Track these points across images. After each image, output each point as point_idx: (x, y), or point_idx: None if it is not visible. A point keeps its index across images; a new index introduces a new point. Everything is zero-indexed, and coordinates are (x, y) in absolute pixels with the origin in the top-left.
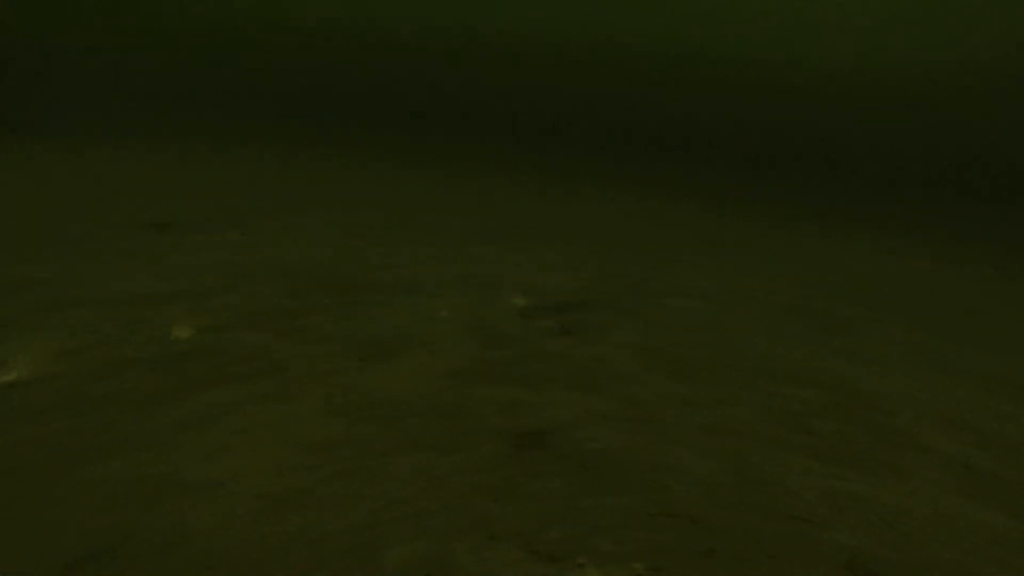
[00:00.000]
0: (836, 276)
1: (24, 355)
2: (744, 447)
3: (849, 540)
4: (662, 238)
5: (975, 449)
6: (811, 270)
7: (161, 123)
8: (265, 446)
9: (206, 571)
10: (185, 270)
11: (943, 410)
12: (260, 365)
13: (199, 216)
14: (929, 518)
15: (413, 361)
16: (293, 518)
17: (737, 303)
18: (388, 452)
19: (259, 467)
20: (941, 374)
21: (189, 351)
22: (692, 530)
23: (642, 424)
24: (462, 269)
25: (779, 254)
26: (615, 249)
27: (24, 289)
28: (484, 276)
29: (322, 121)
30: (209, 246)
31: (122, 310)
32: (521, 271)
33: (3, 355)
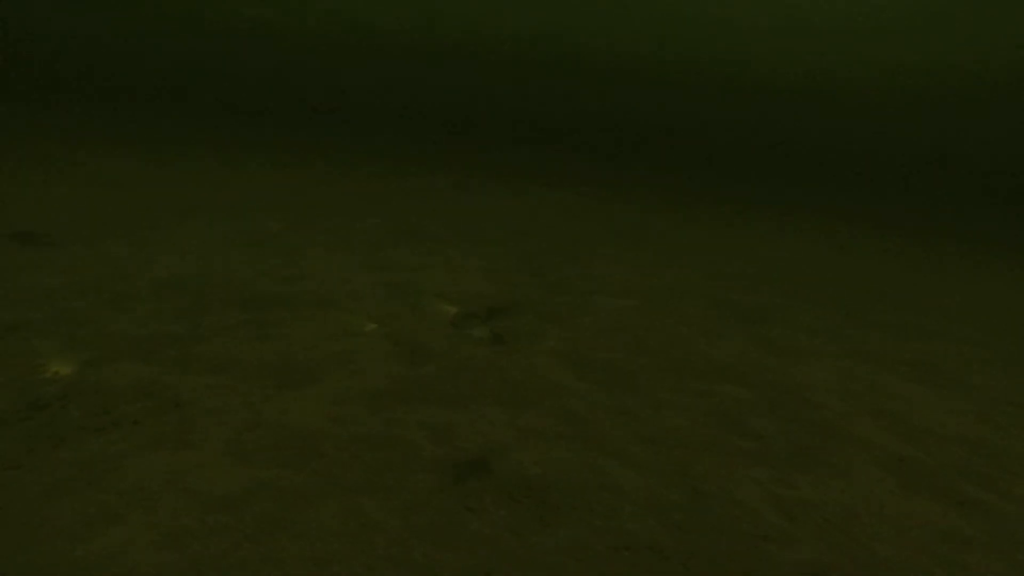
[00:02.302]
0: (762, 267)
1: None
2: (687, 457)
3: (810, 554)
4: (581, 234)
5: (902, 440)
6: (738, 261)
7: (19, 123)
8: (160, 508)
9: None
10: (58, 291)
11: (866, 399)
12: (150, 404)
13: (74, 226)
14: (877, 519)
15: (330, 385)
16: None
17: (665, 300)
18: (308, 499)
19: (153, 536)
20: (860, 361)
21: (63, 393)
22: (654, 563)
23: (581, 440)
24: (378, 277)
25: (697, 246)
26: (536, 247)
27: None
28: (402, 283)
29: (199, 120)
30: (85, 261)
31: None
32: (441, 276)
33: None
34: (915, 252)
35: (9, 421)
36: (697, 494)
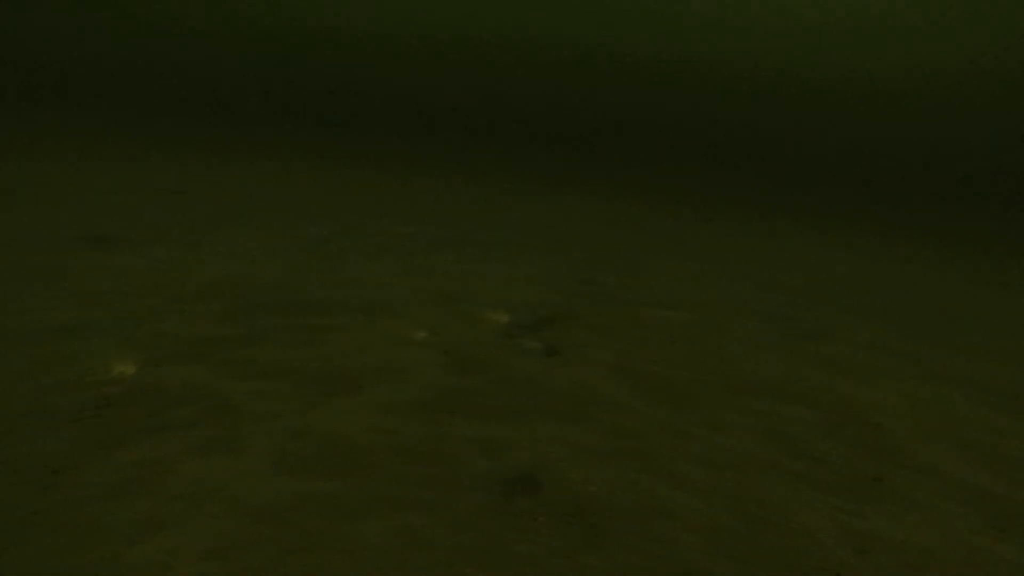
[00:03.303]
0: (811, 279)
1: None
2: (746, 481)
3: None
4: (626, 242)
5: (988, 474)
6: (786, 273)
7: (100, 126)
8: (205, 517)
9: None
10: (116, 292)
11: (939, 425)
12: (201, 408)
13: (132, 228)
14: (962, 561)
15: (378, 394)
16: None
17: (714, 312)
18: (355, 513)
19: (199, 546)
20: (929, 383)
21: (119, 394)
22: None
23: (636, 459)
24: (426, 283)
25: (752, 257)
26: (585, 256)
27: None
28: (450, 291)
29: (252, 123)
30: (142, 263)
31: (42, 345)
32: (489, 284)
33: None
34: (976, 264)
35: (75, 419)
36: (758, 522)
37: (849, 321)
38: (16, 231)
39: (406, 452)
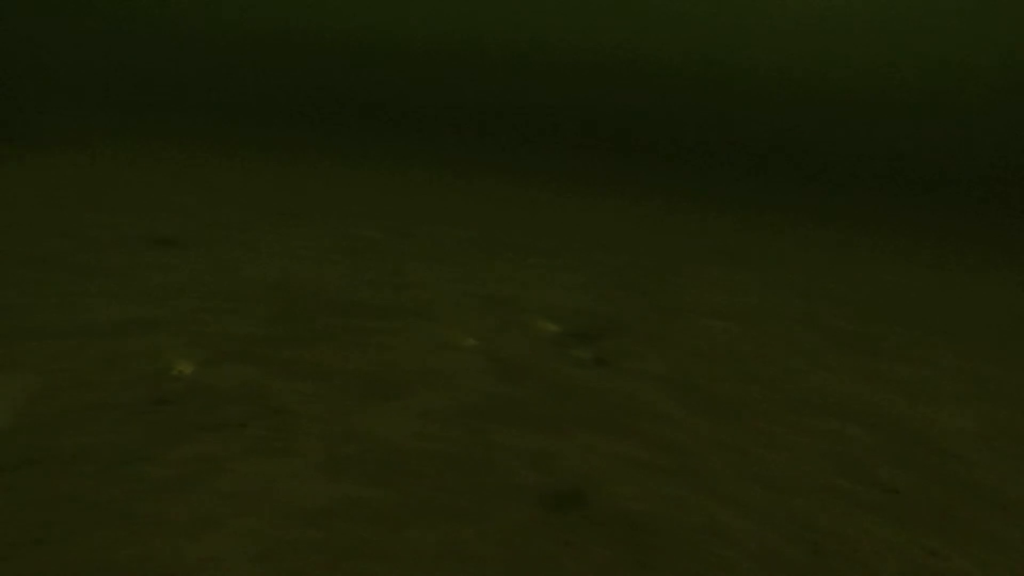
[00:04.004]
0: (870, 291)
1: None
2: (806, 506)
3: None
4: (673, 248)
5: None
6: (842, 284)
7: (158, 127)
8: (255, 516)
9: None
10: (175, 291)
11: (1022, 455)
12: (253, 408)
13: (192, 229)
14: None
15: (427, 400)
16: None
17: (769, 324)
18: (403, 521)
19: (247, 546)
20: (1006, 408)
21: (177, 391)
22: None
23: (689, 477)
24: (476, 288)
25: (805, 266)
26: (636, 263)
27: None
28: (500, 297)
29: (306, 127)
30: (201, 263)
31: (108, 341)
32: (539, 289)
33: None
34: None
35: (138, 414)
36: (819, 552)
37: (914, 337)
38: (82, 231)
39: (453, 460)
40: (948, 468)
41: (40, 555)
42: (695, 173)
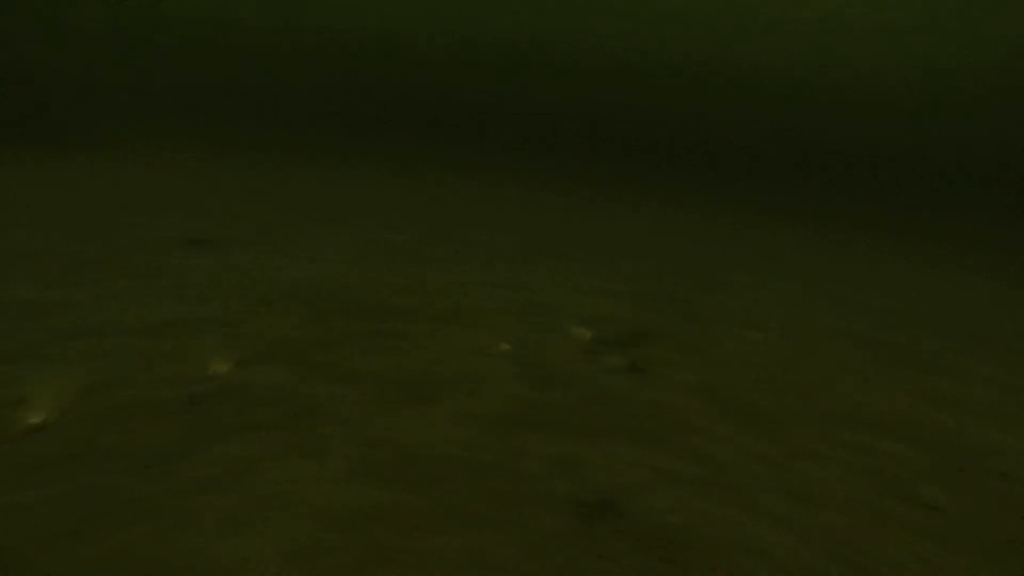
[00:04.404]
0: (910, 301)
1: (43, 394)
2: (846, 524)
3: None
4: (711, 257)
5: None
6: (885, 295)
7: (189, 130)
8: (285, 518)
9: None
10: (209, 292)
11: None
12: (285, 410)
13: (226, 231)
14: None
15: (458, 405)
16: None
17: (806, 334)
18: (431, 527)
19: (278, 547)
20: None
21: (211, 391)
22: None
23: (722, 490)
24: (509, 293)
25: (833, 275)
26: (672, 270)
27: (43, 314)
28: (533, 302)
29: (335, 131)
30: (237, 265)
31: (145, 340)
32: (572, 297)
33: (23, 391)
34: None
35: (175, 412)
36: (858, 570)
37: (959, 351)
38: (124, 232)
39: (483, 467)
40: (996, 489)
41: (76, 548)
42: (734, 179)
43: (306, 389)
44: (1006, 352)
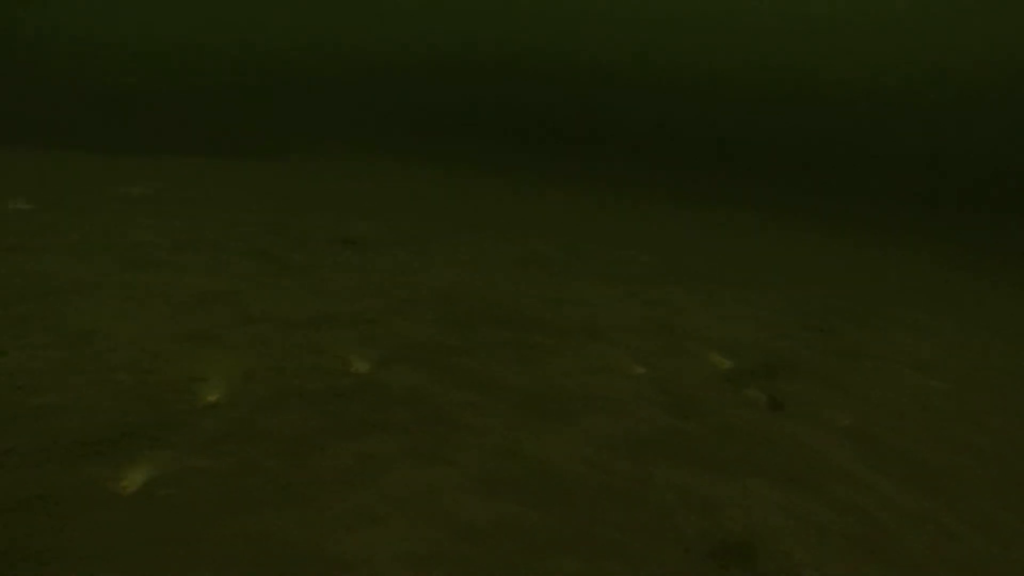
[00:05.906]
0: None
1: (218, 374)
2: None
3: None
4: (869, 286)
5: None
6: None
7: (346, 140)
8: (410, 521)
9: None
10: (358, 291)
11: None
12: (419, 412)
13: (378, 234)
14: None
15: (590, 425)
16: None
17: (979, 381)
18: (553, 547)
19: (400, 549)
20: None
21: (352, 387)
22: None
23: (874, 550)
24: (650, 313)
25: (1015, 313)
26: (823, 298)
27: (215, 300)
28: (671, 324)
29: (486, 146)
30: (381, 266)
31: (298, 332)
32: (712, 321)
33: (204, 370)
34: None
35: (319, 404)
36: None
37: None
38: (288, 230)
39: (613, 492)
40: None
41: (224, 527)
42: (897, 205)
43: (440, 393)
44: None
